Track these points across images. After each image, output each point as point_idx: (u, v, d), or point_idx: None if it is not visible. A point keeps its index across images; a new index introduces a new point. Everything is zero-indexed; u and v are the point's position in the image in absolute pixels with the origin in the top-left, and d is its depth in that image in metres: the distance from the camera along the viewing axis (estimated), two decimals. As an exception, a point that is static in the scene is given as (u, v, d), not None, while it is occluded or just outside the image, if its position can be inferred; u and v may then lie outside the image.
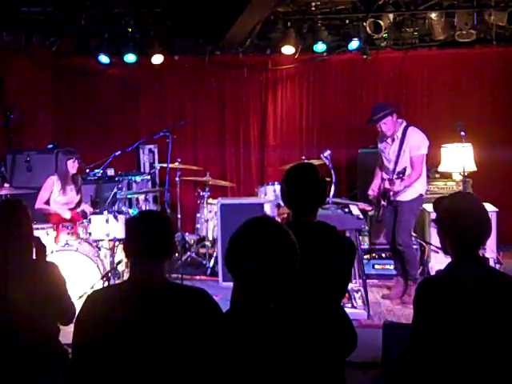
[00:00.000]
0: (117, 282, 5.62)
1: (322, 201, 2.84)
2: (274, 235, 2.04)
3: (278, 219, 6.28)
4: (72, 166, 6.22)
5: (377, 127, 5.74)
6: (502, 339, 2.35)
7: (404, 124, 5.68)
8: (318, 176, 2.77)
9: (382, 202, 5.76)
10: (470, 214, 2.49)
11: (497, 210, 6.41)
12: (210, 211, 7.23)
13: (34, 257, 2.97)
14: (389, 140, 5.77)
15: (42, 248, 3.02)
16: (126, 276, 6.24)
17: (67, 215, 6.15)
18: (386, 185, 5.64)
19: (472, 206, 2.54)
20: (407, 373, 2.51)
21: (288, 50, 7.71)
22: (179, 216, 6.99)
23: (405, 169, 5.44)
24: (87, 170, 6.93)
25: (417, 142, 5.60)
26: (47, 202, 6.25)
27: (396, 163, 5.66)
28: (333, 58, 8.32)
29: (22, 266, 2.83)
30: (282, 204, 6.75)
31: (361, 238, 6.48)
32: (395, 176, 5.51)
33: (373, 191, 5.98)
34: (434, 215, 2.63)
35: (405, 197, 5.67)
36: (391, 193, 5.65)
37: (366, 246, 6.83)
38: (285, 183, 2.80)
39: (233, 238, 2.08)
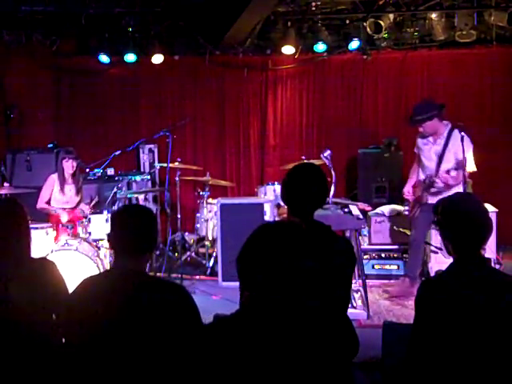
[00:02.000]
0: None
1: (322, 201, 2.84)
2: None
3: (278, 219, 6.29)
4: (67, 167, 6.16)
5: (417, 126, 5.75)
6: (503, 341, 2.35)
7: (449, 126, 5.64)
8: (321, 177, 2.77)
9: (425, 194, 5.70)
10: (470, 215, 2.50)
11: (496, 210, 6.42)
12: (210, 211, 7.22)
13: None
14: (431, 138, 5.75)
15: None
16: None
17: (64, 218, 6.10)
18: (440, 178, 5.56)
19: (473, 206, 2.55)
20: (407, 373, 2.51)
21: (288, 49, 7.71)
22: (179, 216, 6.99)
23: (458, 165, 5.39)
24: (87, 170, 6.92)
25: (465, 142, 5.58)
26: (48, 201, 6.24)
27: (440, 162, 5.63)
28: (333, 58, 8.32)
29: (20, 265, 2.82)
30: (281, 204, 6.76)
31: (360, 238, 6.47)
32: (454, 167, 5.42)
33: (408, 192, 5.96)
34: (434, 217, 2.63)
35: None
36: (437, 186, 5.61)
37: (365, 246, 6.82)
38: (287, 181, 2.79)
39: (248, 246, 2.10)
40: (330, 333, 2.46)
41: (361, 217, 5.48)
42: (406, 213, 6.04)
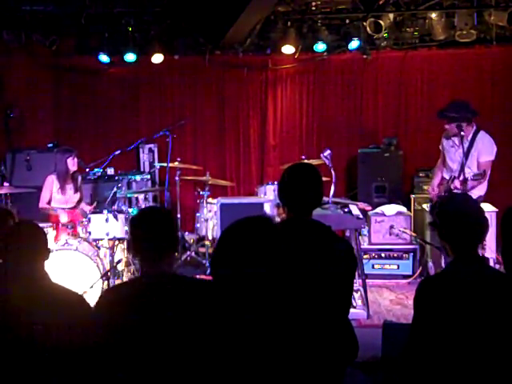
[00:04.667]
0: (129, 278, 5.70)
1: (319, 200, 2.85)
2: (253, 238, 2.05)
3: (278, 219, 6.29)
4: (72, 164, 6.23)
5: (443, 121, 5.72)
6: (501, 339, 2.35)
7: (475, 128, 5.62)
8: (318, 176, 2.78)
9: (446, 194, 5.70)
10: (466, 215, 2.52)
11: (496, 210, 6.42)
12: (210, 210, 7.23)
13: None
14: (456, 140, 5.73)
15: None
16: (125, 275, 6.25)
17: (63, 218, 6.11)
18: (456, 184, 5.50)
19: (468, 206, 2.57)
20: (407, 372, 2.51)
21: (288, 49, 7.71)
22: (179, 215, 6.99)
23: (484, 171, 5.33)
24: (87, 169, 6.92)
25: (486, 147, 5.56)
26: (49, 202, 6.26)
27: (463, 165, 5.58)
28: (333, 58, 8.31)
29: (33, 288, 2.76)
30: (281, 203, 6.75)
31: (360, 238, 6.47)
32: (472, 177, 5.34)
33: (433, 190, 5.97)
34: (430, 218, 2.65)
35: None
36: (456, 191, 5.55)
37: (365, 246, 6.83)
38: (285, 181, 2.80)
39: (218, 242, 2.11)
40: (328, 335, 2.46)
41: (361, 216, 5.48)
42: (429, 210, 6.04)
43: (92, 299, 2.73)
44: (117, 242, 5.89)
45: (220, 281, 2.08)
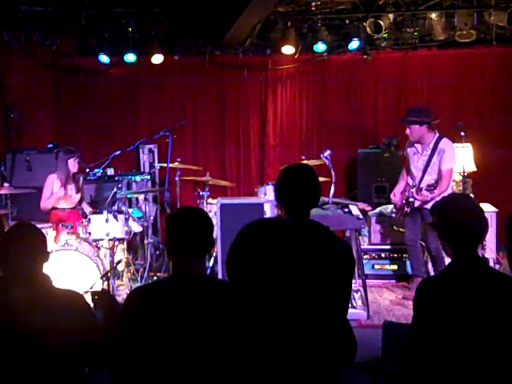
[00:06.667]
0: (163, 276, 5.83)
1: (317, 200, 2.85)
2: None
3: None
4: (73, 165, 6.25)
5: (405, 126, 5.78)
6: (501, 339, 2.35)
7: (437, 135, 5.64)
8: (314, 176, 2.79)
9: (406, 209, 5.74)
10: (466, 215, 2.52)
11: (496, 210, 6.42)
12: (210, 211, 7.21)
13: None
14: (419, 148, 5.74)
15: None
16: (125, 276, 6.25)
17: (62, 204, 6.20)
18: (413, 194, 5.59)
19: (468, 206, 2.57)
20: (407, 372, 2.51)
21: (288, 49, 7.70)
22: (179, 216, 6.96)
23: (436, 182, 5.37)
24: (87, 170, 6.93)
25: (448, 155, 5.56)
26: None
27: (424, 173, 5.64)
28: (333, 58, 8.31)
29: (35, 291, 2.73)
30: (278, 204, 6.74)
31: (360, 238, 6.47)
32: (425, 187, 5.41)
33: (394, 196, 6.00)
34: (430, 219, 2.65)
35: (429, 205, 5.59)
36: (415, 202, 5.63)
37: (365, 246, 6.83)
38: (281, 182, 2.79)
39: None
40: (326, 336, 2.45)
41: (361, 217, 5.48)
42: (393, 215, 6.10)
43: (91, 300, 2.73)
44: (117, 243, 5.88)
45: (235, 274, 2.07)
